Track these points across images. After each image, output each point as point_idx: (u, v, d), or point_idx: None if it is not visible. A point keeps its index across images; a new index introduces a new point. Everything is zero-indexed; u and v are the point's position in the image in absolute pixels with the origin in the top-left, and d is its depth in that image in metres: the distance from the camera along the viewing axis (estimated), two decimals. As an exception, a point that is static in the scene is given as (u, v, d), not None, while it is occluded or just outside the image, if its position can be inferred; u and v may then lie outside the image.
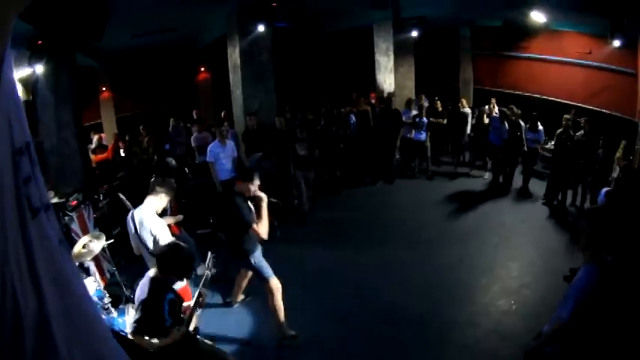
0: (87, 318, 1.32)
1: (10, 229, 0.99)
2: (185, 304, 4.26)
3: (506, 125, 10.45)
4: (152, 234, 5.11)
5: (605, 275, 3.09)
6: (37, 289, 1.08)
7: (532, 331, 3.69)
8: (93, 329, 1.34)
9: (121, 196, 6.38)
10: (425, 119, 11.90)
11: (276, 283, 5.57)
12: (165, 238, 5.11)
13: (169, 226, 5.77)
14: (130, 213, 5.33)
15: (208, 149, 9.19)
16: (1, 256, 0.97)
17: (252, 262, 5.59)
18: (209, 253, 4.64)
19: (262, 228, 5.45)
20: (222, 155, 9.08)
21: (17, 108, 1.12)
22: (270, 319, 5.74)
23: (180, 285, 4.88)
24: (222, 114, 12.53)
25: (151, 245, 5.11)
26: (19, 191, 1.05)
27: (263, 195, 5.52)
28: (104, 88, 16.39)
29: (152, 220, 5.16)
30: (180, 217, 6.69)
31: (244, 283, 6.42)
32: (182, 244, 4.13)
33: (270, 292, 5.54)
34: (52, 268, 1.16)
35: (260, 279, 5.70)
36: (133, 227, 5.22)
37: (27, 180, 1.10)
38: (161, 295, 3.83)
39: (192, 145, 11.48)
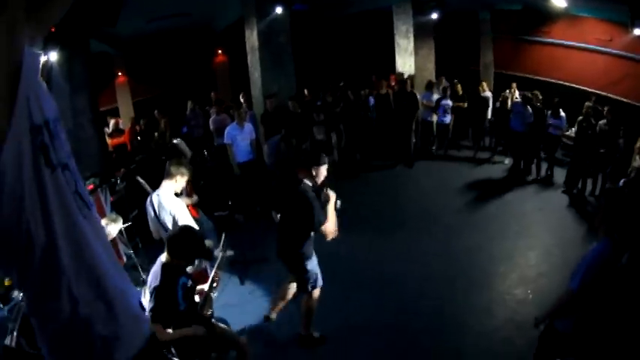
0: (99, 269, 1.46)
1: (28, 181, 1.20)
2: (199, 287, 4.26)
3: (530, 109, 10.22)
4: (171, 214, 5.10)
5: (617, 251, 3.15)
6: (49, 231, 1.27)
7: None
8: (106, 280, 1.48)
9: (140, 179, 6.38)
10: (449, 102, 11.84)
11: (318, 292, 5.19)
12: (185, 218, 5.10)
13: (187, 207, 5.79)
14: (149, 197, 5.35)
15: (226, 131, 9.18)
16: (19, 201, 1.19)
17: (308, 268, 5.00)
18: (222, 235, 4.62)
19: (330, 227, 4.89)
20: (239, 137, 9.07)
21: (37, 89, 1.28)
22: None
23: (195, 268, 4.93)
24: (241, 96, 12.45)
25: (170, 227, 5.11)
26: (35, 155, 1.23)
27: (331, 192, 4.98)
28: (120, 73, 16.40)
29: (171, 202, 5.16)
30: (195, 198, 6.70)
31: (290, 296, 5.68)
32: (193, 228, 4.11)
33: (310, 296, 5.17)
34: (66, 220, 1.34)
35: (304, 288, 5.15)
36: (152, 210, 5.23)
37: (44, 146, 1.27)
38: (174, 280, 3.81)
39: (211, 127, 11.46)
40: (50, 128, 1.32)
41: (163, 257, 3.90)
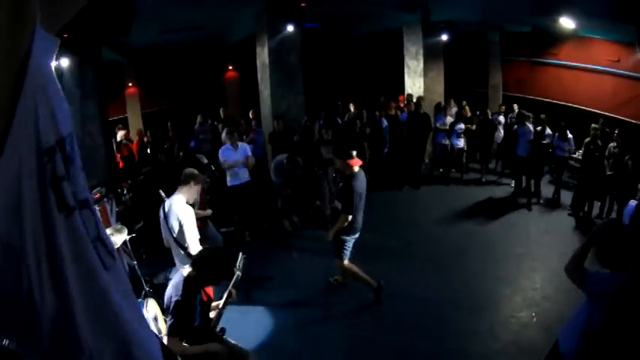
0: (120, 321, 1.20)
1: (30, 231, 0.92)
2: (214, 304, 4.26)
3: (530, 126, 10.18)
4: (178, 220, 5.13)
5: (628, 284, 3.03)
6: (60, 295, 1.00)
7: (551, 344, 3.62)
8: (126, 332, 1.23)
9: (162, 192, 6.33)
10: (462, 125, 11.83)
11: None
12: (191, 227, 5.15)
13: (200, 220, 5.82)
14: (163, 203, 5.39)
15: (220, 152, 8.64)
16: (17, 258, 0.91)
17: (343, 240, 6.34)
18: (240, 254, 4.62)
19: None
20: (232, 160, 8.51)
21: (49, 101, 0.98)
22: (292, 318, 5.98)
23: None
24: (251, 113, 12.45)
25: (176, 233, 5.15)
26: (44, 192, 0.95)
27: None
28: (130, 84, 16.53)
29: (181, 208, 5.19)
30: (209, 211, 6.77)
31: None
32: (223, 250, 4.14)
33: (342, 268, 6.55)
34: (84, 279, 1.06)
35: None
36: (163, 216, 5.27)
37: (57, 180, 0.99)
38: (194, 296, 3.84)
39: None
40: (65, 150, 1.03)
41: (185, 271, 3.90)
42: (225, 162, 8.45)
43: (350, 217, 6.12)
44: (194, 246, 5.15)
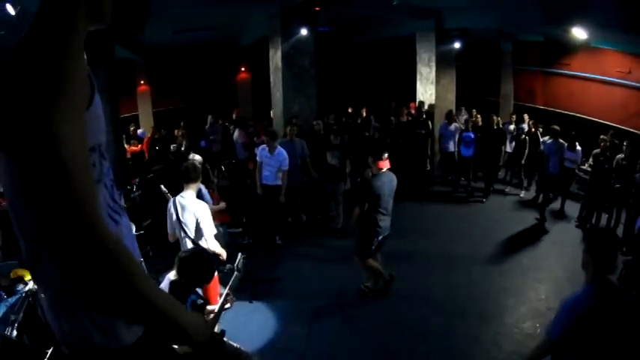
0: None
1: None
2: (210, 307, 4.25)
3: (563, 142, 9.90)
4: (195, 216, 5.21)
5: (604, 297, 3.01)
6: None
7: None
8: None
9: (163, 187, 6.40)
10: (472, 134, 11.74)
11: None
12: (208, 221, 5.23)
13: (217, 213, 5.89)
14: (172, 200, 5.43)
15: (258, 151, 9.01)
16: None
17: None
18: (239, 255, 4.62)
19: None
20: (266, 162, 8.64)
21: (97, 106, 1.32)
22: (297, 320, 6.03)
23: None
24: (272, 113, 12.12)
25: (193, 229, 5.23)
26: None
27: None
28: (142, 82, 16.63)
29: (196, 203, 5.30)
30: (223, 204, 6.88)
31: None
32: (205, 252, 4.13)
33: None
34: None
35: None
36: (174, 213, 5.31)
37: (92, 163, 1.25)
38: (183, 298, 3.81)
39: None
40: (102, 151, 1.37)
41: (172, 275, 3.90)
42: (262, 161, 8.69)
43: (357, 210, 6.50)
44: (212, 240, 5.26)
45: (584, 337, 2.99)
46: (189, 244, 5.23)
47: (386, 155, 6.33)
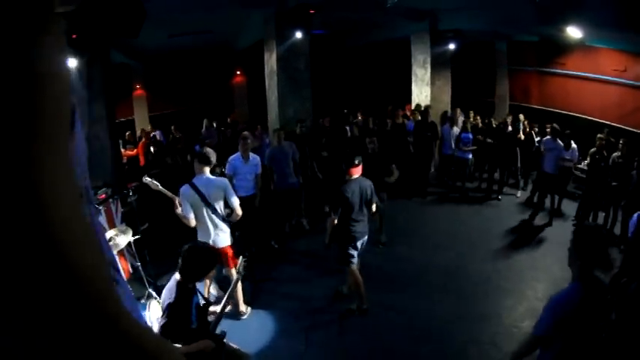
0: None
1: None
2: (212, 308, 4.25)
3: (561, 142, 9.82)
4: (223, 189, 5.69)
5: (590, 294, 3.02)
6: None
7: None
8: None
9: (146, 178, 6.31)
10: (470, 135, 11.69)
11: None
12: (233, 192, 5.80)
13: None
14: (187, 185, 5.60)
15: (228, 161, 8.07)
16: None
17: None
18: (240, 257, 4.62)
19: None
20: (242, 171, 7.96)
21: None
22: (296, 322, 6.04)
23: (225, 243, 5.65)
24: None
25: (222, 203, 5.71)
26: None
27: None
28: (138, 86, 16.63)
29: (219, 179, 5.82)
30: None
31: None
32: (202, 246, 4.13)
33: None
34: None
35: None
36: (196, 193, 5.54)
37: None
38: (189, 300, 3.83)
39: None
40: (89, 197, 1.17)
41: (178, 275, 3.90)
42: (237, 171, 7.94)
43: (335, 221, 6.04)
44: (238, 208, 5.75)
45: (570, 333, 3.01)
46: (214, 221, 5.63)
47: (357, 161, 6.06)
